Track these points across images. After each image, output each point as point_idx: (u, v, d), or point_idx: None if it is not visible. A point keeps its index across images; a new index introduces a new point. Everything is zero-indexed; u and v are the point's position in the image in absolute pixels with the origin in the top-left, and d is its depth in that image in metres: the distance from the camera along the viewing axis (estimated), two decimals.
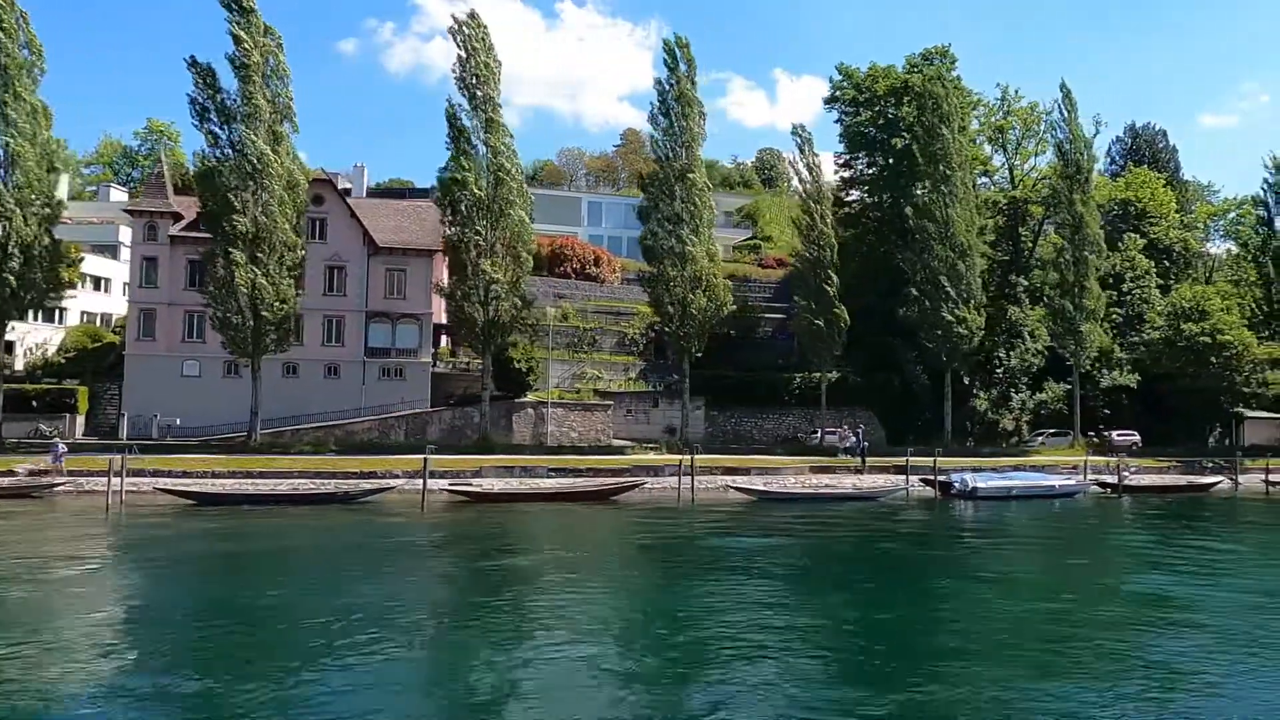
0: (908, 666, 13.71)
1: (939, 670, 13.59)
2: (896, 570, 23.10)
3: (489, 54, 43.38)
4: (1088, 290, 51.36)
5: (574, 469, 39.74)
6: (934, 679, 13.06)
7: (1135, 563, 24.58)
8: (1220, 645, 15.00)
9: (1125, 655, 14.55)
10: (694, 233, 44.62)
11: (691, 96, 45.46)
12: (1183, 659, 14.21)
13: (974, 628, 16.40)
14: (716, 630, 15.38)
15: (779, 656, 14.10)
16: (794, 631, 15.91)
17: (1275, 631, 16.15)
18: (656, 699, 12.06)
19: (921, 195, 49.98)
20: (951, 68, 61.52)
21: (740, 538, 27.82)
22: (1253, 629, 16.16)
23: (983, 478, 39.74)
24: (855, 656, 14.48)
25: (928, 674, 13.33)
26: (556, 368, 55.89)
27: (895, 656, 14.40)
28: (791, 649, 14.69)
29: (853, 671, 13.60)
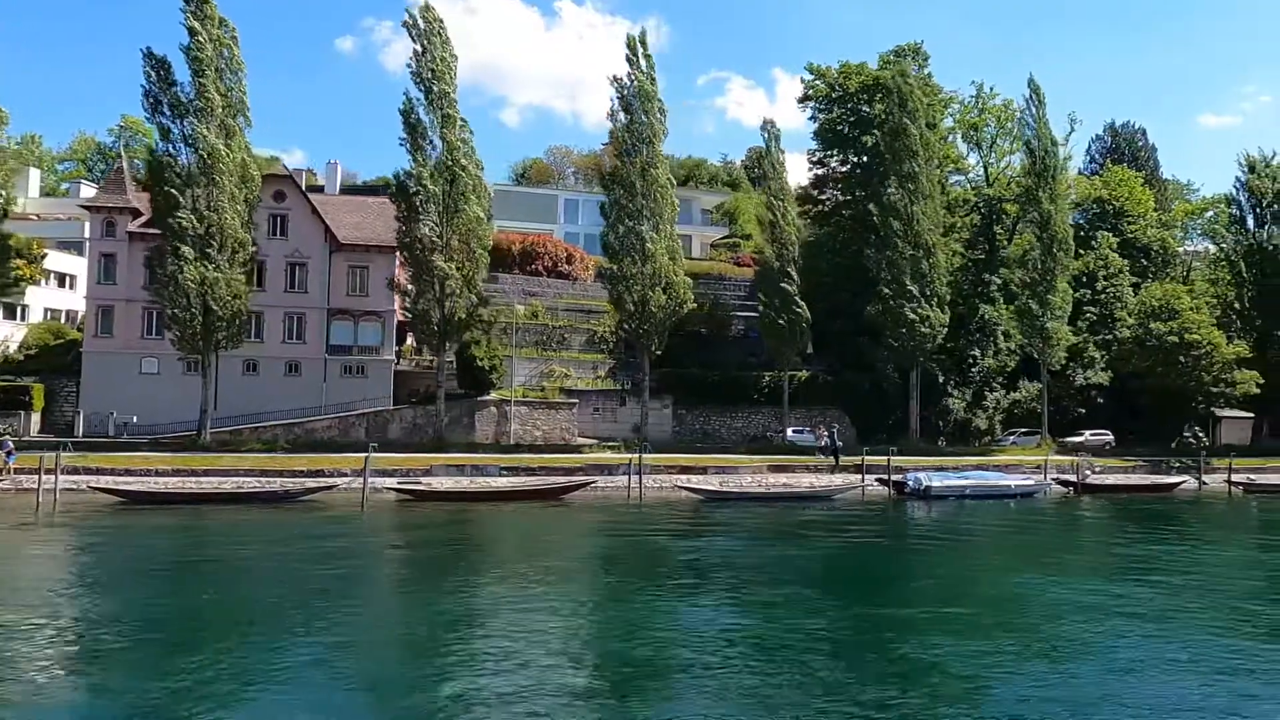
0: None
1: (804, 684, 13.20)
2: (807, 574, 22.58)
3: (446, 48, 42.95)
4: (1055, 288, 50.89)
5: (527, 467, 39.36)
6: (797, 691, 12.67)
7: (1045, 565, 24.17)
8: (1023, 653, 14.75)
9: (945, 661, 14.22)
10: (655, 229, 44.18)
11: (652, 92, 45.03)
12: (998, 665, 13.88)
13: (825, 639, 15.92)
14: (612, 637, 14.99)
15: (667, 662, 13.75)
16: (680, 635, 15.53)
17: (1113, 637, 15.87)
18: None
19: (888, 193, 49.49)
20: (924, 65, 61.19)
21: (676, 539, 27.44)
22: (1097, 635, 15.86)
23: (937, 477, 39.37)
24: (731, 664, 14.08)
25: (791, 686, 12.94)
26: (523, 366, 55.45)
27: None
28: (668, 653, 14.32)
29: (729, 681, 13.20)
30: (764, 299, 48.72)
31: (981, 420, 60.75)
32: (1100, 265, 62.30)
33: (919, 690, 12.63)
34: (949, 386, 62.02)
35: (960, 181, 65.88)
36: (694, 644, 14.53)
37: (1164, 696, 12.40)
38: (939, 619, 17.06)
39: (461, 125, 43.45)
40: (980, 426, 60.51)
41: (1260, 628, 16.43)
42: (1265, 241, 56.16)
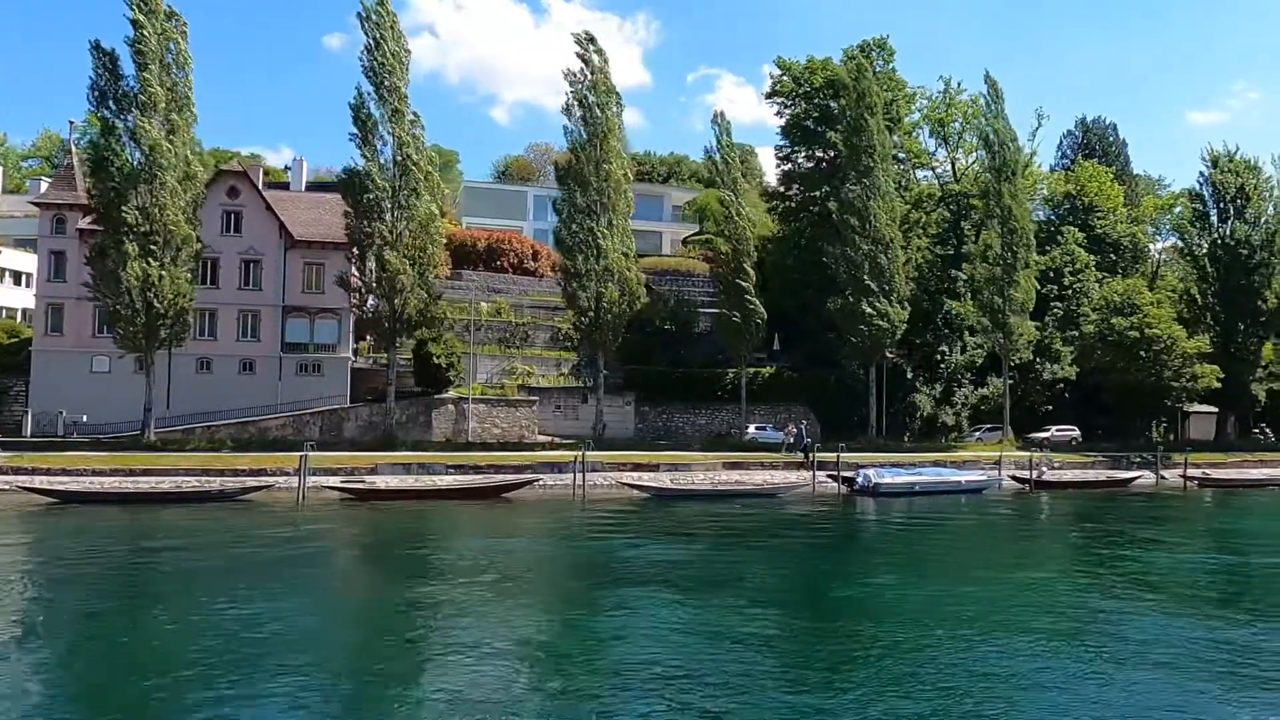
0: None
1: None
2: (726, 574, 22.23)
3: (398, 42, 42.51)
4: (1017, 283, 50.66)
5: (475, 466, 38.98)
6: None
7: (927, 565, 23.93)
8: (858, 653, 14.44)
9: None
10: (608, 225, 43.78)
11: (607, 87, 44.65)
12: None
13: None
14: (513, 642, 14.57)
15: (543, 665, 13.37)
16: (562, 635, 15.16)
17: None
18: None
19: (846, 188, 49.21)
20: (890, 60, 60.97)
21: (608, 538, 27.11)
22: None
23: (887, 474, 39.15)
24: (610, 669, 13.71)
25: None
26: (485, 363, 55.06)
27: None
28: (546, 655, 13.95)
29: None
30: (719, 295, 48.31)
31: (949, 416, 60.59)
32: (1066, 261, 62.21)
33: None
34: (918, 382, 61.95)
35: (928, 177, 65.81)
36: (558, 657, 13.97)
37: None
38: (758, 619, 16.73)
39: (413, 120, 43.02)
40: (948, 423, 60.33)
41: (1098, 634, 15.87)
42: (1228, 236, 56.03)
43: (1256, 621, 16.67)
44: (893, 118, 58.84)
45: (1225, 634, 15.58)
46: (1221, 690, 12.49)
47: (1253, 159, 57.33)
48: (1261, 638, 15.27)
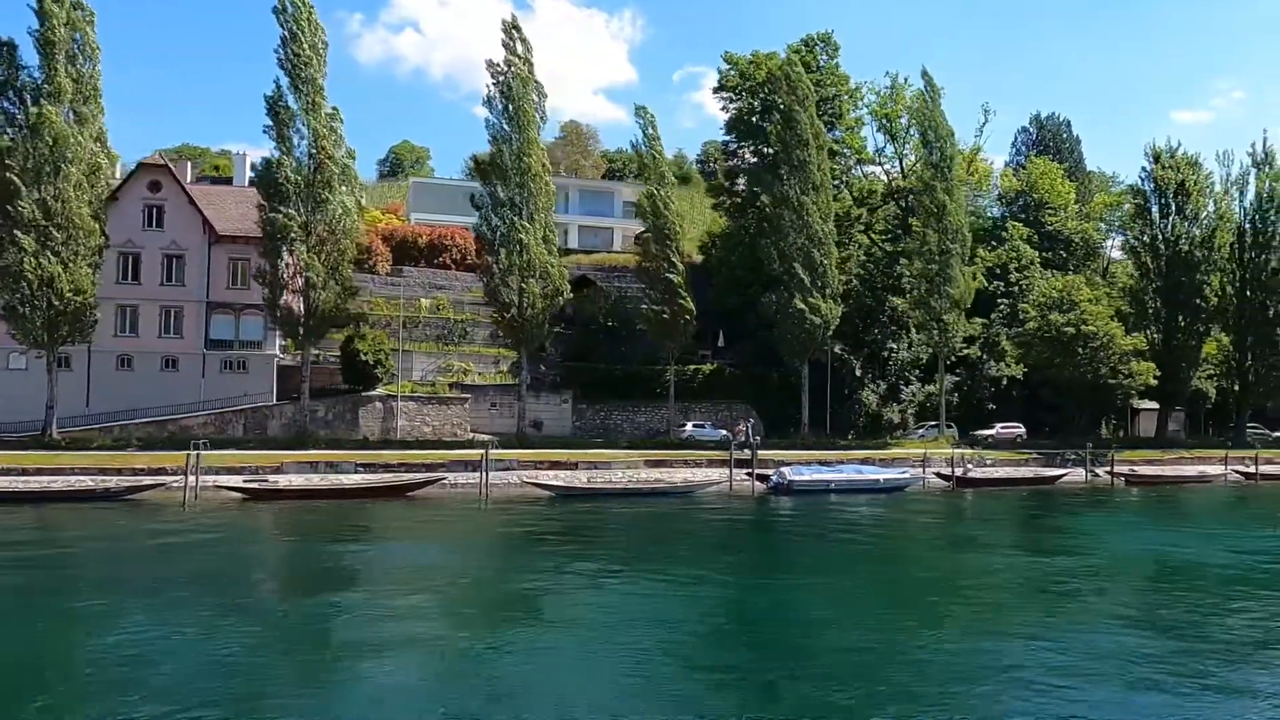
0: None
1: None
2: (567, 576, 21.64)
3: (315, 34, 41.72)
4: (952, 280, 50.21)
5: (385, 464, 38.26)
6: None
7: (789, 563, 23.53)
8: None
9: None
10: (530, 219, 43.09)
11: (529, 78, 43.94)
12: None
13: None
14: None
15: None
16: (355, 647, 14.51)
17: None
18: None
19: (780, 183, 48.69)
20: (834, 55, 60.58)
21: (474, 539, 26.48)
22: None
23: (804, 471, 38.62)
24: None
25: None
26: (422, 360, 54.42)
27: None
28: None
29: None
30: (647, 291, 47.74)
31: (895, 414, 60.26)
32: (1012, 257, 61.92)
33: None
34: (867, 379, 61.61)
35: (877, 173, 65.37)
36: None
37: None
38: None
39: (331, 114, 42.25)
40: (894, 420, 60.01)
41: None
42: (1168, 233, 55.76)
43: (957, 626, 16.00)
44: (834, 113, 58.51)
45: (927, 637, 15.10)
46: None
47: (1193, 155, 57.03)
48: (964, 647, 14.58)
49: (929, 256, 50.45)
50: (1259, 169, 58.90)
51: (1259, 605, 17.87)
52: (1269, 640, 14.98)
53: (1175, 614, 16.81)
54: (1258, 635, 15.28)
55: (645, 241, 48.85)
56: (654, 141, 48.47)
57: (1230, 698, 12.02)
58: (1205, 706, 11.61)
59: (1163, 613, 17.13)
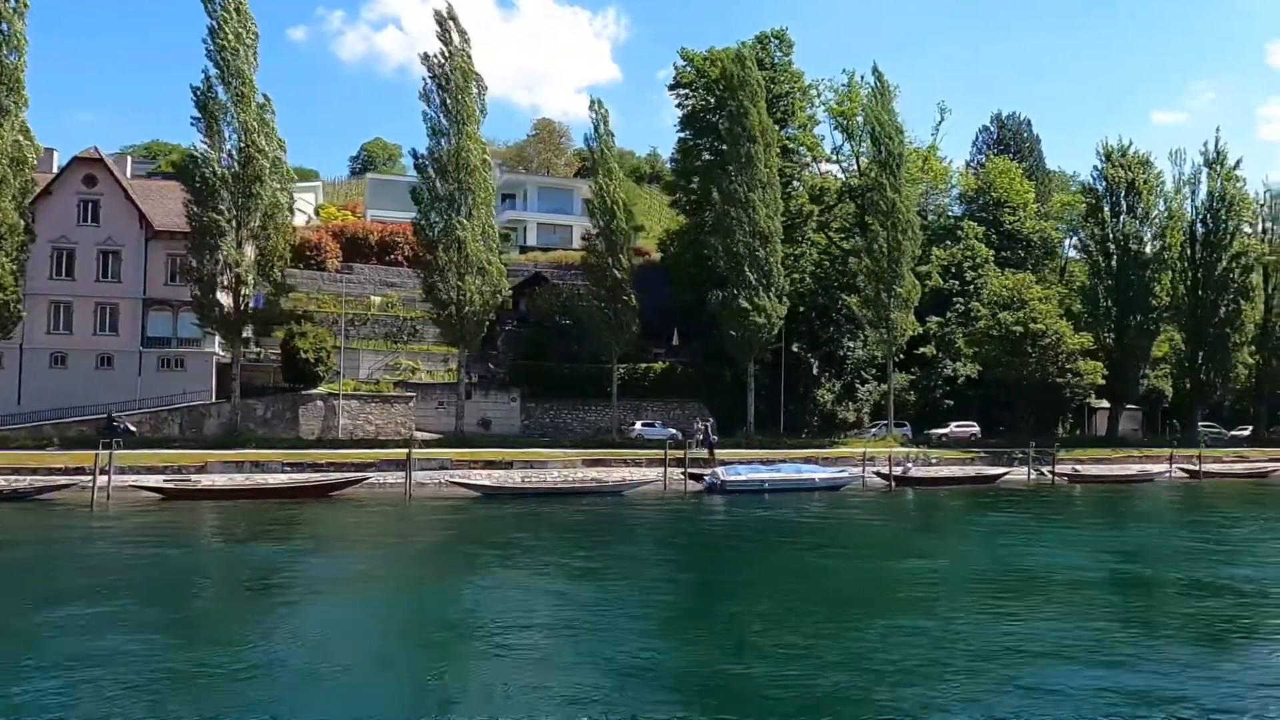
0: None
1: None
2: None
3: (244, 24, 40.93)
4: (900, 278, 49.93)
5: (314, 463, 37.59)
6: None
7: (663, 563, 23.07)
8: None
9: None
10: (467, 215, 42.48)
11: (469, 71, 43.29)
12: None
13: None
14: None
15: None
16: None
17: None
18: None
19: (727, 179, 48.28)
20: (789, 52, 60.25)
21: (379, 540, 25.91)
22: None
23: (741, 471, 38.22)
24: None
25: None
26: (370, 358, 53.71)
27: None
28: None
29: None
30: (592, 288, 47.23)
31: (850, 412, 60.02)
32: (967, 256, 61.78)
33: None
34: (823, 378, 61.35)
35: (833, 171, 65.07)
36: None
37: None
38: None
39: (261, 105, 41.47)
40: (848, 418, 59.77)
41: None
42: (1119, 231, 55.71)
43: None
44: (787, 110, 58.15)
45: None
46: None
47: (1145, 154, 57.02)
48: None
49: (878, 255, 50.13)
50: (1210, 168, 59.00)
51: (1054, 610, 17.09)
52: (1004, 648, 14.22)
53: (942, 622, 15.73)
54: (1006, 643, 14.44)
55: (591, 238, 48.27)
56: (606, 136, 47.90)
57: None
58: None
59: (926, 622, 15.75)
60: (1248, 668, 13.30)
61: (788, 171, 56.55)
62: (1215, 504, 39.17)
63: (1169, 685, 12.28)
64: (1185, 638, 15.24)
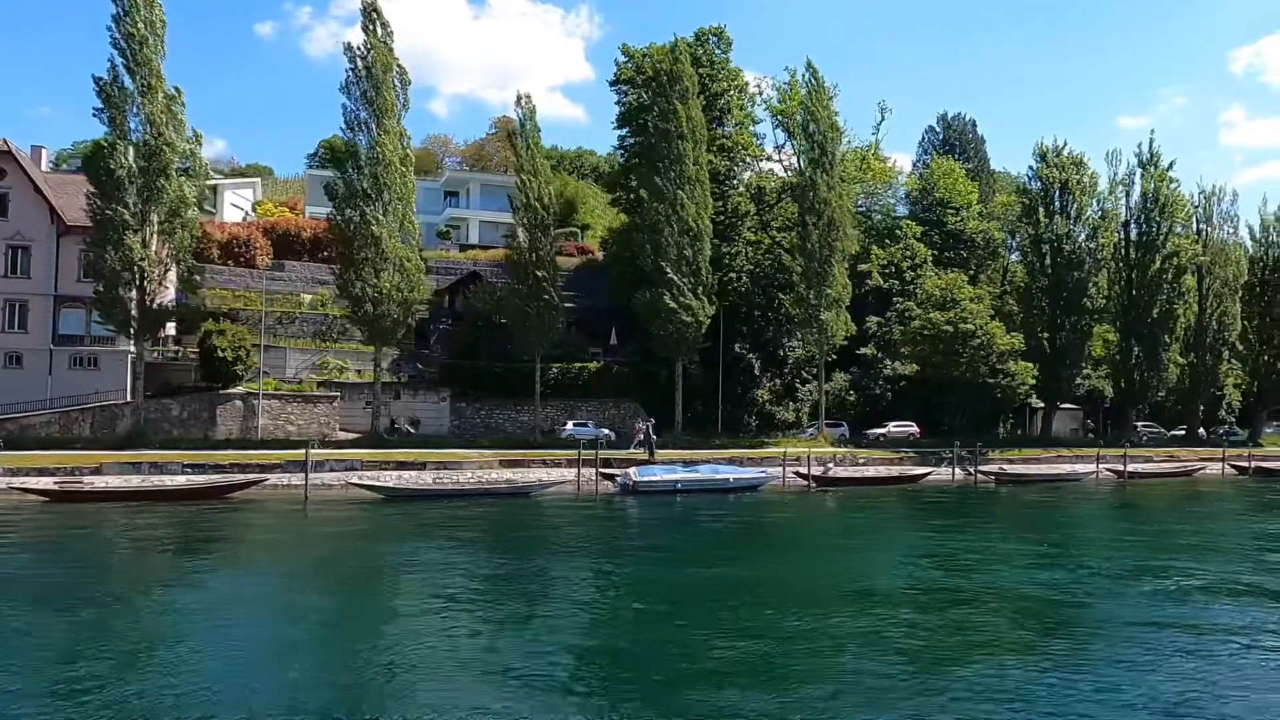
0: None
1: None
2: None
3: (152, 11, 39.73)
4: (831, 277, 49.64)
5: (215, 465, 36.53)
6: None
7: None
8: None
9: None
10: (383, 211, 41.58)
11: (389, 63, 42.38)
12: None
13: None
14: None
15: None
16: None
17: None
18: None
19: (657, 176, 47.73)
20: (727, 49, 59.83)
21: (260, 543, 25.07)
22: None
23: (650, 472, 37.66)
24: None
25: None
26: (297, 357, 52.68)
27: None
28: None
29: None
30: (514, 286, 46.50)
31: (789, 412, 59.75)
32: (906, 255, 61.75)
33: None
34: (764, 378, 61.03)
35: (774, 169, 64.78)
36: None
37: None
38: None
39: (170, 97, 40.31)
40: (787, 419, 59.49)
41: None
42: (1051, 231, 55.84)
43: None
44: (724, 108, 57.76)
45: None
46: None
47: (1079, 154, 57.23)
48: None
49: (810, 254, 49.82)
50: (1144, 169, 59.37)
51: (763, 624, 16.13)
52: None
53: (669, 632, 15.34)
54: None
55: (514, 235, 47.54)
56: (531, 133, 47.17)
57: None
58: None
59: (655, 628, 15.51)
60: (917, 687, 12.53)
61: (724, 169, 56.16)
62: (1106, 504, 39.18)
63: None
64: (872, 653, 14.24)
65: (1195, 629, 15.94)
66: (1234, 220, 63.50)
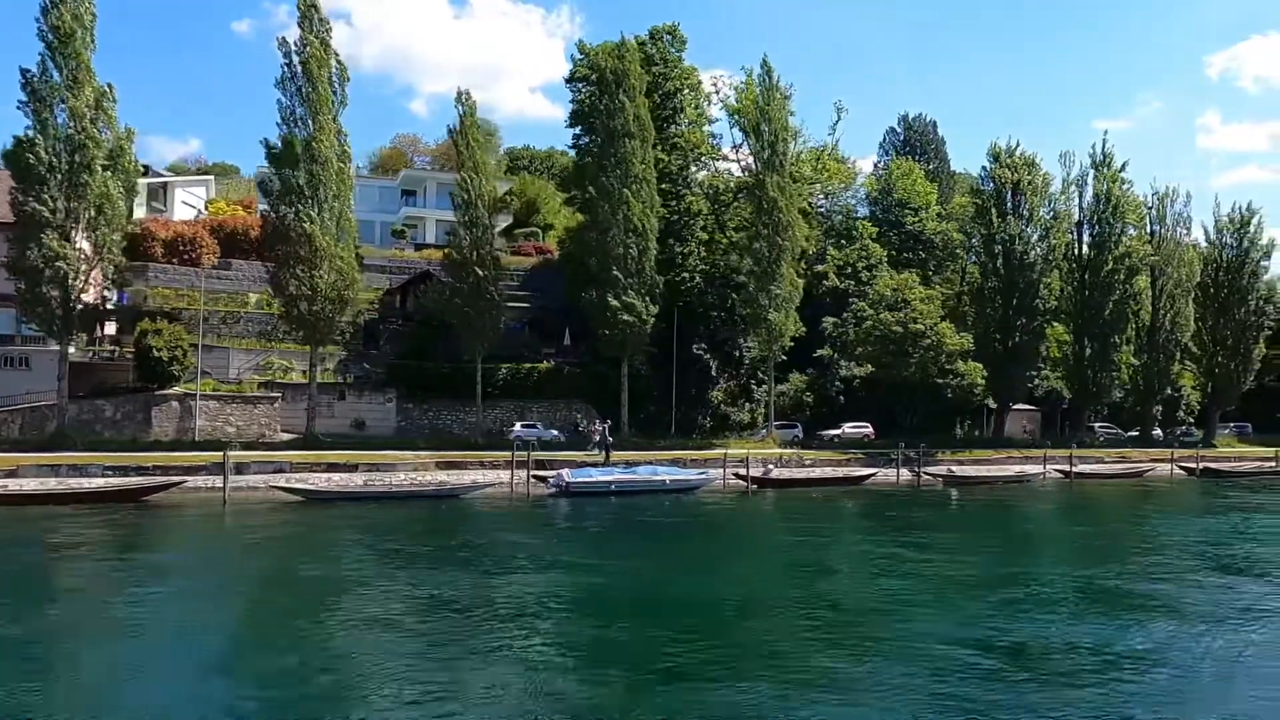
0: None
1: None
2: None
3: (80, 3, 38.76)
4: (781, 277, 49.29)
5: (139, 466, 35.69)
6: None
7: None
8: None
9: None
10: (318, 208, 40.81)
11: (325, 59, 41.61)
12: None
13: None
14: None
15: None
16: None
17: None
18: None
19: (604, 174, 47.24)
20: (681, 48, 59.45)
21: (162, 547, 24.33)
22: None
23: (586, 474, 37.14)
24: None
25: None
26: (241, 356, 51.74)
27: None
28: None
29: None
30: (455, 285, 45.83)
31: (745, 413, 59.39)
32: (861, 256, 61.57)
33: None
34: (721, 378, 60.66)
35: (730, 169, 64.46)
36: None
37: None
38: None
39: (101, 92, 39.36)
40: (743, 419, 59.13)
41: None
42: (1003, 231, 55.76)
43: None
44: (676, 107, 57.36)
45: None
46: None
47: (1032, 155, 57.26)
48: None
49: (758, 254, 49.47)
50: (1097, 170, 59.45)
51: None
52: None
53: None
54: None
55: (455, 233, 46.88)
56: (471, 129, 46.51)
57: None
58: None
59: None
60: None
61: (676, 169, 55.73)
62: (1035, 506, 38.87)
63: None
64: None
65: (984, 646, 15.10)
66: (1187, 221, 63.76)
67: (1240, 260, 64.55)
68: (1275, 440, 65.67)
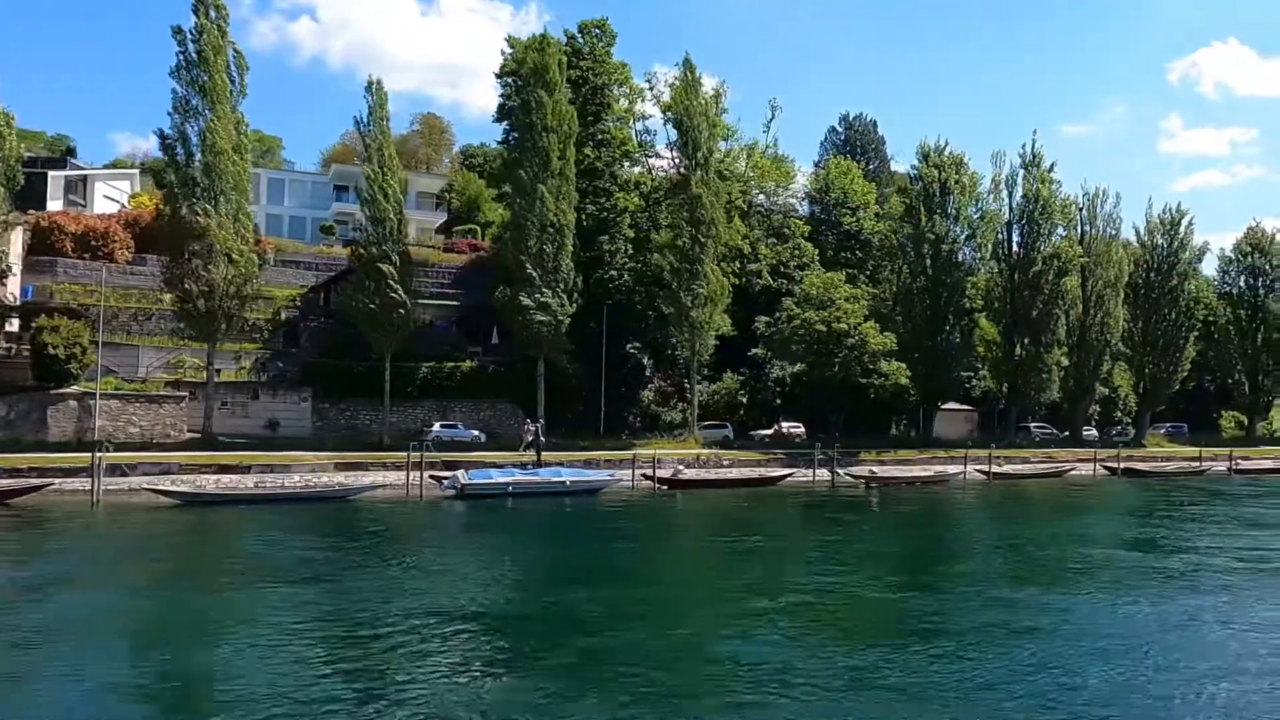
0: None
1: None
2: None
3: None
4: (704, 275, 48.66)
5: (11, 469, 34.19)
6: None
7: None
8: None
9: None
10: (213, 201, 39.50)
11: (222, 47, 40.30)
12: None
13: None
14: None
15: None
16: None
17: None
18: None
19: (519, 169, 46.31)
20: (611, 43, 58.65)
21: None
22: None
23: (485, 475, 36.22)
24: None
25: None
26: (152, 354, 50.18)
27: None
28: None
29: None
30: (361, 282, 44.68)
31: (675, 413, 58.73)
32: (794, 255, 61.18)
33: None
34: (655, 378, 59.94)
35: (663, 166, 63.78)
36: None
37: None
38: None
39: None
40: (674, 419, 58.46)
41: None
42: (930, 230, 55.61)
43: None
44: (603, 103, 56.55)
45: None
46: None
47: (960, 154, 57.19)
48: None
49: (680, 251, 48.80)
50: (1027, 170, 59.54)
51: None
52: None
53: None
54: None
55: (360, 228, 45.71)
56: (380, 121, 45.35)
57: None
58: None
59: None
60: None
61: (603, 165, 54.91)
62: (933, 507, 38.44)
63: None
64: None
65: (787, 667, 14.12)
66: (1117, 222, 64.12)
67: (1170, 261, 65.04)
68: (1209, 441, 66.34)
